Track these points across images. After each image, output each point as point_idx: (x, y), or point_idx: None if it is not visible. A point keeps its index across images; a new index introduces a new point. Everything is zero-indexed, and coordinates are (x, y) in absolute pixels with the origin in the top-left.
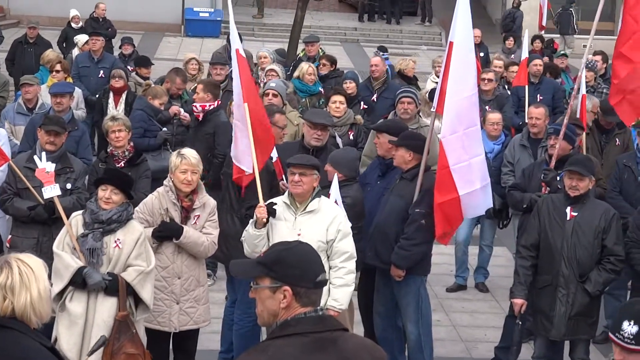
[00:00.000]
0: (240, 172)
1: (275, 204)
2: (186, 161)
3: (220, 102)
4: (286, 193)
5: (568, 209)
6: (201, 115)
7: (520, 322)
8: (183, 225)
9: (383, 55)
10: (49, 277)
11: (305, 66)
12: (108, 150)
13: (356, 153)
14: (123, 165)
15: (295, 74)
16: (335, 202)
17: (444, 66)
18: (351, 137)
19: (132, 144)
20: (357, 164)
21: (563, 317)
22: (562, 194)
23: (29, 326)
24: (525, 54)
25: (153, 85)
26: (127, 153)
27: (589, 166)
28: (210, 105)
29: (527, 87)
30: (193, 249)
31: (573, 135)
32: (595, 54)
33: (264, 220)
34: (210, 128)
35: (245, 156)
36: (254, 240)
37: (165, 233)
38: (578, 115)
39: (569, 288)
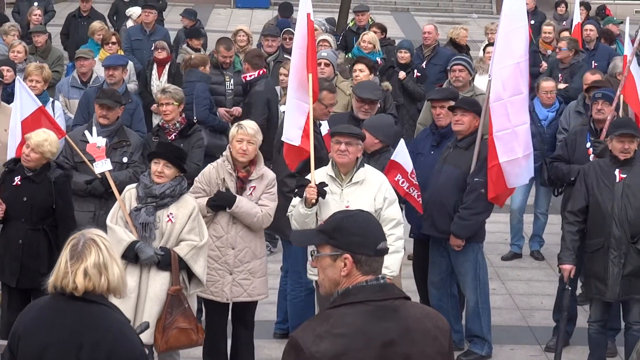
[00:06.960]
0: (292, 148)
1: (327, 185)
2: (242, 131)
3: (265, 71)
4: (329, 165)
5: (617, 172)
6: (247, 86)
7: (569, 288)
8: (237, 195)
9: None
10: None
11: (366, 35)
12: (160, 123)
13: (391, 119)
14: (174, 137)
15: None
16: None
17: (498, 33)
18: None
19: (183, 115)
20: (393, 130)
21: (617, 278)
22: (608, 158)
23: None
24: (577, 20)
25: (194, 55)
26: (178, 125)
27: (635, 127)
28: (250, 76)
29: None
30: (246, 219)
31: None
32: None
33: (313, 200)
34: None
35: (295, 128)
36: (305, 219)
37: (219, 202)
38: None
39: (621, 249)
